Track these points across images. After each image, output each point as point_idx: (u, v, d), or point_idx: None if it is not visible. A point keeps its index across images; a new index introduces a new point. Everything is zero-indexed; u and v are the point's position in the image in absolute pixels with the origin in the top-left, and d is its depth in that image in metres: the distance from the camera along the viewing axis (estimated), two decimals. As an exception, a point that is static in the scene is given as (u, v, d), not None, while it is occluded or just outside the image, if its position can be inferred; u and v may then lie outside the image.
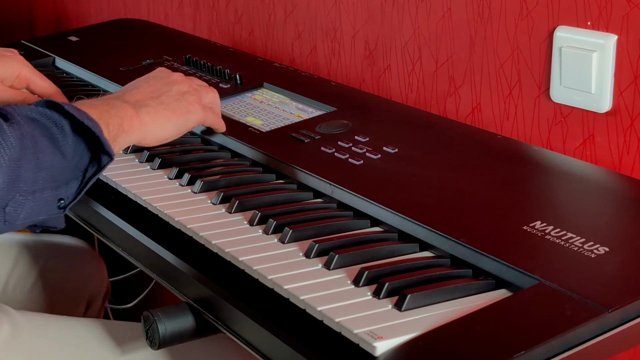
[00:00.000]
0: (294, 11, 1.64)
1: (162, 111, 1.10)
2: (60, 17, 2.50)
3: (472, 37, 1.30)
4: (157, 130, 1.09)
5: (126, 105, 1.05)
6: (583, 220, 0.97)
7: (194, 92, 1.15)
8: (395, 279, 0.86)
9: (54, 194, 0.94)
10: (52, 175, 0.93)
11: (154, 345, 0.95)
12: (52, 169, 0.93)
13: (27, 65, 1.28)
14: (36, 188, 0.91)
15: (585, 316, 0.79)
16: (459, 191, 1.03)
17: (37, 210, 0.93)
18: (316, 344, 0.82)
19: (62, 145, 0.93)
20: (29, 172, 0.90)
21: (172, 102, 1.11)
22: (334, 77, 1.57)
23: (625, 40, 1.11)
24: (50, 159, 0.92)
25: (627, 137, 1.13)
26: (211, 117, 1.19)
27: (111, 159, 0.97)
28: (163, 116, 1.09)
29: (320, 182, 1.08)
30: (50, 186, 0.93)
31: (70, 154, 0.94)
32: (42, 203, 0.93)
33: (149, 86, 1.12)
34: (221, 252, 0.96)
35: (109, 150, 0.96)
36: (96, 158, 0.96)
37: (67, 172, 0.94)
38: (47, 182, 0.92)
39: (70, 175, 0.95)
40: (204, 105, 1.17)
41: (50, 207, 0.94)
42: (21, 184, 0.90)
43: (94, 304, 1.54)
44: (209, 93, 1.20)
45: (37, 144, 0.91)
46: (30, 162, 0.90)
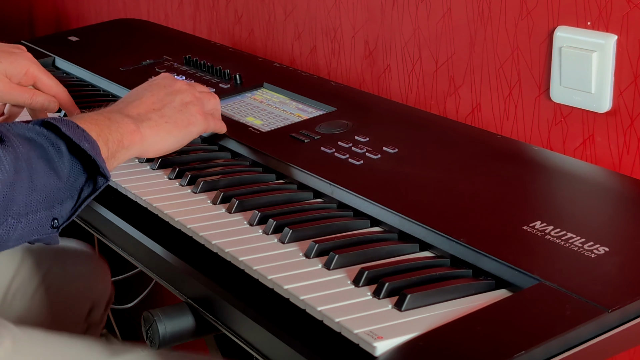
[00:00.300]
0: (294, 11, 1.64)
1: (164, 125, 1.09)
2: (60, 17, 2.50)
3: (472, 37, 1.30)
4: (158, 144, 1.09)
5: (127, 120, 1.05)
6: (583, 220, 0.97)
7: (197, 101, 1.15)
8: (395, 279, 0.86)
9: (48, 214, 0.93)
10: (46, 196, 0.92)
11: (154, 345, 0.95)
12: (47, 190, 0.92)
13: (35, 63, 1.29)
14: (29, 210, 0.91)
15: (585, 316, 0.79)
16: (459, 191, 1.03)
17: (29, 232, 0.92)
18: (316, 344, 0.82)
19: (58, 166, 0.93)
20: (22, 195, 0.89)
21: (174, 114, 1.11)
22: (334, 77, 1.57)
23: (625, 40, 1.11)
24: (45, 180, 0.92)
25: (627, 137, 1.13)
26: (212, 124, 1.19)
27: (107, 180, 0.96)
28: (165, 130, 1.09)
29: (320, 182, 1.08)
30: (44, 207, 0.92)
31: (66, 175, 0.94)
32: (35, 224, 0.92)
33: (151, 96, 1.12)
34: (221, 252, 0.96)
35: (105, 172, 0.96)
36: (92, 178, 0.96)
37: (62, 192, 0.94)
38: (40, 204, 0.92)
39: (65, 195, 0.95)
40: (206, 112, 1.17)
41: (43, 227, 0.93)
42: (14, 207, 0.89)
43: (96, 308, 1.54)
44: (210, 100, 1.19)
45: (32, 165, 0.90)
46: (24, 185, 0.89)
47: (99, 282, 1.54)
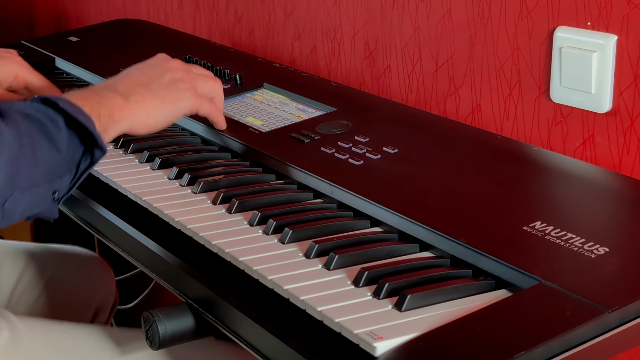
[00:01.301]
0: (294, 11, 1.64)
1: (150, 99, 1.10)
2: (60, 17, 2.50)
3: (472, 37, 1.30)
4: (146, 119, 1.09)
5: (116, 95, 1.06)
6: (583, 220, 0.97)
7: (188, 79, 1.15)
8: (395, 279, 0.86)
9: (49, 187, 0.96)
10: (47, 170, 0.95)
11: (154, 345, 0.95)
12: (48, 164, 0.94)
13: (25, 66, 1.28)
14: (33, 184, 0.93)
15: (585, 316, 0.79)
16: (459, 191, 1.03)
17: (33, 204, 0.95)
18: (316, 344, 0.82)
19: (57, 140, 0.95)
20: (26, 169, 0.92)
21: (161, 90, 1.11)
22: (334, 77, 1.57)
23: (625, 41, 1.11)
24: (46, 155, 0.94)
25: (627, 138, 1.13)
26: (207, 107, 1.18)
27: (104, 152, 0.98)
28: (151, 104, 1.09)
29: (320, 183, 1.08)
30: (45, 180, 0.95)
31: (65, 149, 0.96)
32: (37, 197, 0.95)
33: (141, 74, 1.13)
34: (221, 252, 0.96)
35: (102, 144, 0.98)
36: (89, 151, 0.98)
37: (62, 166, 0.96)
38: (43, 177, 0.94)
39: (64, 169, 0.97)
40: (200, 94, 1.16)
41: (45, 200, 0.96)
42: (19, 181, 0.91)
43: (101, 314, 1.53)
44: (208, 82, 1.19)
45: (33, 140, 0.93)
46: (28, 159, 0.92)
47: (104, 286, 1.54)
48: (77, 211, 1.19)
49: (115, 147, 1.27)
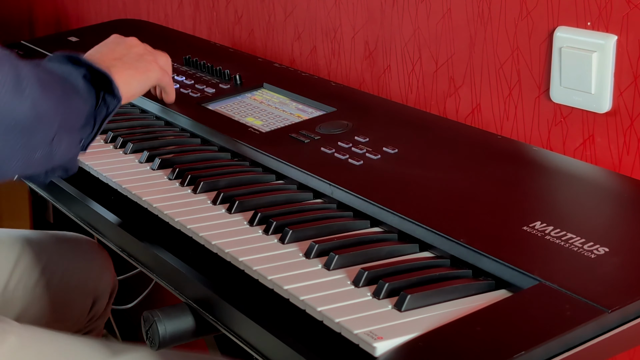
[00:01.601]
0: (294, 11, 1.64)
1: (127, 70, 1.20)
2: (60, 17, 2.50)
3: (472, 37, 1.30)
4: (127, 88, 1.18)
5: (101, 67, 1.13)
6: (583, 220, 0.97)
7: (150, 54, 1.27)
8: (395, 279, 0.86)
9: (79, 134, 1.08)
10: (79, 117, 1.07)
11: (153, 345, 0.95)
12: (78, 112, 1.07)
13: None
14: (69, 126, 1.05)
15: (585, 316, 0.79)
16: (459, 191, 1.03)
17: (69, 147, 1.05)
18: (316, 345, 0.82)
19: (81, 91, 1.07)
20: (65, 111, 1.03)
21: (133, 62, 1.23)
22: (333, 77, 1.57)
23: (625, 41, 1.11)
24: (76, 103, 1.06)
25: (627, 138, 1.13)
26: (167, 79, 1.31)
27: (119, 101, 1.11)
28: (128, 75, 1.20)
29: (320, 183, 1.08)
30: (77, 127, 1.07)
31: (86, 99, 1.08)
32: (72, 141, 1.06)
33: (110, 50, 1.24)
34: (221, 252, 0.96)
35: (117, 93, 1.10)
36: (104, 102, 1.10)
37: (86, 115, 1.08)
38: (76, 123, 1.06)
39: (88, 119, 1.09)
40: (162, 67, 1.29)
41: (75, 147, 1.07)
42: (63, 121, 1.02)
43: (100, 301, 1.53)
44: (162, 56, 1.31)
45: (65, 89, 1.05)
46: (64, 104, 1.03)
47: (101, 273, 1.54)
48: (77, 211, 1.19)
49: (115, 147, 1.27)
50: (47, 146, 1.00)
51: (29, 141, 0.98)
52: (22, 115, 0.96)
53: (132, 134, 1.30)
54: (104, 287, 1.54)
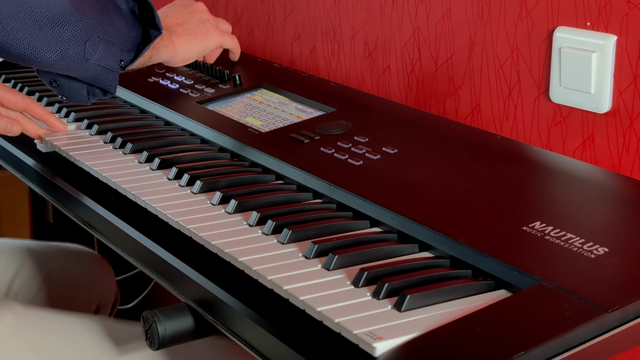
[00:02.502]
0: (294, 12, 1.64)
1: (187, 36, 1.32)
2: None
3: (471, 37, 1.30)
4: (183, 52, 1.32)
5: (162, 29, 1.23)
6: (583, 220, 0.97)
7: (213, 20, 1.38)
8: (395, 279, 0.86)
9: (119, 53, 1.17)
10: (118, 34, 1.16)
11: (153, 345, 0.95)
12: (119, 31, 1.16)
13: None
14: (109, 37, 1.15)
15: (584, 316, 0.79)
16: (458, 191, 1.03)
17: (105, 57, 1.15)
18: (316, 345, 0.82)
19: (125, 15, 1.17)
20: (105, 23, 1.13)
21: (194, 29, 1.34)
22: (333, 77, 1.57)
23: (624, 41, 1.11)
24: (117, 21, 1.16)
25: (626, 138, 1.13)
26: (229, 40, 1.43)
27: (160, 32, 1.20)
28: (187, 40, 1.32)
29: (320, 183, 1.08)
30: (117, 44, 1.16)
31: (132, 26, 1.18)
32: (110, 53, 1.16)
33: (175, 14, 1.34)
34: (220, 252, 0.96)
35: (159, 24, 1.20)
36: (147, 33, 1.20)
37: (128, 43, 1.18)
38: (116, 39, 1.16)
39: (131, 46, 1.18)
40: (222, 30, 1.40)
41: (114, 61, 1.17)
42: (99, 28, 1.13)
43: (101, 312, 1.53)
44: (225, 23, 1.44)
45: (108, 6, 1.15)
46: (105, 16, 1.14)
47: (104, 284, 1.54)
48: (76, 211, 1.19)
49: (114, 147, 1.27)
50: (80, 46, 1.12)
51: (61, 32, 1.10)
52: (56, 4, 1.08)
53: (131, 134, 1.30)
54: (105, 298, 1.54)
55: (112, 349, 1.16)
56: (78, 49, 1.12)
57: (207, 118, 1.32)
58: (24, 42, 1.09)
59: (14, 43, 1.09)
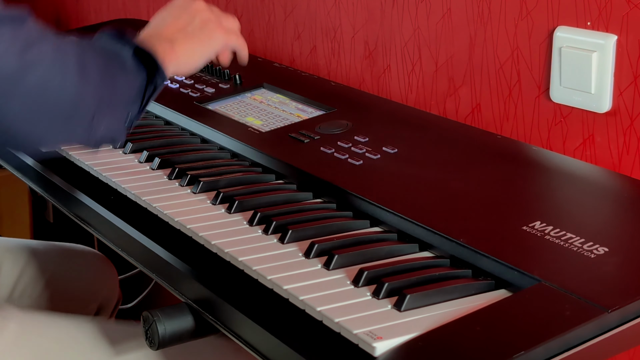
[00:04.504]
0: (294, 11, 1.64)
1: (189, 42, 1.20)
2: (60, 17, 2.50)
3: (472, 37, 1.30)
4: (189, 61, 1.20)
5: (163, 41, 1.16)
6: (583, 220, 0.97)
7: (215, 18, 1.25)
8: (395, 279, 0.86)
9: (124, 111, 1.09)
10: (122, 94, 1.08)
11: (153, 345, 0.95)
12: (124, 89, 1.09)
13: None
14: (112, 103, 1.07)
15: (584, 316, 0.79)
16: (458, 191, 1.03)
17: (111, 124, 1.08)
18: (315, 344, 0.82)
19: (127, 67, 1.09)
20: (108, 90, 1.06)
21: (196, 32, 1.22)
22: (333, 77, 1.57)
23: (625, 41, 1.11)
24: (122, 80, 1.08)
25: (626, 138, 1.13)
26: (234, 39, 1.27)
27: (165, 79, 1.12)
28: (191, 48, 1.20)
29: (320, 182, 1.08)
30: (122, 104, 1.09)
31: (134, 77, 1.09)
32: (116, 118, 1.09)
33: (175, 19, 1.23)
34: (220, 252, 0.96)
35: (162, 71, 1.11)
36: (152, 79, 1.11)
37: (133, 93, 1.10)
38: (120, 100, 1.08)
39: (136, 96, 1.10)
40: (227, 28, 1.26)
41: (120, 122, 1.09)
42: (104, 99, 1.05)
43: (103, 312, 1.53)
44: (229, 18, 1.29)
45: (110, 68, 1.07)
46: (108, 82, 1.06)
47: (106, 284, 1.54)
48: (76, 211, 1.19)
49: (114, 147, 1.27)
50: (87, 125, 1.04)
51: (68, 123, 1.04)
52: (61, 100, 1.01)
53: (131, 134, 1.30)
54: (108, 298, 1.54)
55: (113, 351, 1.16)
56: (85, 128, 1.05)
57: (207, 118, 1.32)
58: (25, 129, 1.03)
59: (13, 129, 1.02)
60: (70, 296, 1.48)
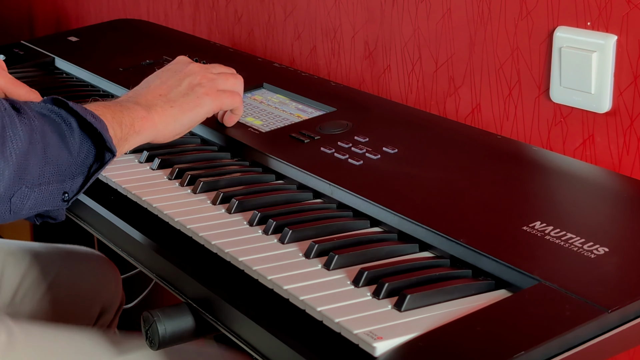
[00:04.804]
0: (294, 11, 1.64)
1: (169, 110, 1.11)
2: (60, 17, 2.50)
3: (471, 37, 1.30)
4: (167, 128, 1.11)
5: (138, 107, 1.08)
6: (583, 220, 0.97)
7: (207, 82, 1.16)
8: (395, 279, 0.86)
9: (59, 187, 0.97)
10: (58, 169, 0.96)
11: (153, 345, 0.95)
12: (59, 163, 0.96)
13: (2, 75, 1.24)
14: (42, 181, 0.95)
15: (584, 316, 0.79)
16: (458, 191, 1.03)
17: (41, 202, 0.96)
18: (316, 345, 0.82)
19: (69, 141, 0.97)
20: (36, 166, 0.94)
21: (179, 98, 1.13)
22: (333, 77, 1.57)
23: (625, 41, 1.11)
24: (57, 154, 0.96)
25: (626, 138, 1.13)
26: (228, 101, 1.18)
27: (113, 155, 1.00)
28: (171, 115, 1.11)
29: (320, 183, 1.08)
30: (56, 180, 0.97)
31: (77, 151, 0.98)
32: (47, 195, 0.96)
33: (160, 83, 1.15)
34: (221, 252, 0.96)
35: (112, 147, 0.99)
36: (100, 154, 1.00)
37: (73, 167, 0.98)
38: (53, 176, 0.96)
39: (77, 171, 0.99)
40: (219, 90, 1.17)
41: (54, 199, 0.98)
42: (28, 177, 0.93)
43: (106, 314, 1.53)
44: (228, 79, 1.20)
45: (46, 139, 0.95)
46: (38, 156, 0.94)
47: (109, 286, 1.53)
48: (76, 211, 1.19)
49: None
50: (4, 203, 0.93)
51: None
52: None
53: (132, 134, 1.30)
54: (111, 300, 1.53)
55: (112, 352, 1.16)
56: (1, 209, 0.94)
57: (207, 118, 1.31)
58: None
59: None
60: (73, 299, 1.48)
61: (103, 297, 1.52)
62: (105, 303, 1.52)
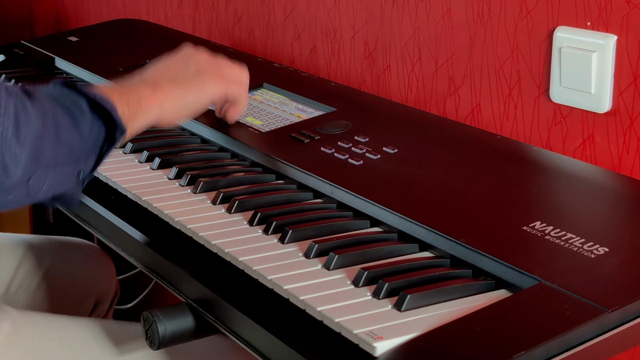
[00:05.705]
0: (294, 11, 1.64)
1: (175, 88, 1.12)
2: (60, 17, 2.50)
3: (471, 37, 1.30)
4: (173, 109, 1.12)
5: (144, 86, 1.10)
6: (583, 220, 0.97)
7: (214, 70, 1.18)
8: (395, 279, 0.86)
9: (74, 167, 0.99)
10: (71, 150, 0.98)
11: (153, 345, 0.95)
12: (72, 144, 0.98)
13: None
14: (57, 162, 0.96)
15: (584, 316, 0.79)
16: (458, 191, 1.03)
17: (57, 183, 0.97)
18: (316, 345, 0.82)
19: (80, 122, 0.98)
20: (50, 148, 0.95)
21: (186, 80, 1.15)
22: (333, 77, 1.57)
23: (624, 41, 1.11)
24: (69, 135, 0.97)
25: (626, 138, 1.13)
26: (233, 89, 1.20)
27: (123, 132, 1.01)
28: (176, 93, 1.12)
29: (320, 183, 1.08)
30: (70, 160, 0.98)
31: (88, 131, 0.99)
32: (62, 176, 0.98)
33: (167, 65, 1.16)
34: (221, 252, 0.96)
35: (121, 124, 1.00)
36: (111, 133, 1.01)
37: (86, 148, 0.99)
38: (67, 157, 0.97)
39: (89, 151, 1.00)
40: (226, 78, 1.19)
41: (70, 180, 0.99)
42: (43, 159, 0.94)
43: (101, 305, 1.53)
44: (234, 70, 1.21)
45: (57, 121, 0.96)
46: (52, 139, 0.95)
47: (103, 277, 1.54)
48: (76, 211, 1.19)
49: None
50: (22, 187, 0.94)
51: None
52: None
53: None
54: (105, 291, 1.54)
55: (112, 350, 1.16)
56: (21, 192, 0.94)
57: (207, 118, 1.32)
58: None
59: None
60: (68, 289, 1.48)
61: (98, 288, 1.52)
62: (100, 294, 1.52)
